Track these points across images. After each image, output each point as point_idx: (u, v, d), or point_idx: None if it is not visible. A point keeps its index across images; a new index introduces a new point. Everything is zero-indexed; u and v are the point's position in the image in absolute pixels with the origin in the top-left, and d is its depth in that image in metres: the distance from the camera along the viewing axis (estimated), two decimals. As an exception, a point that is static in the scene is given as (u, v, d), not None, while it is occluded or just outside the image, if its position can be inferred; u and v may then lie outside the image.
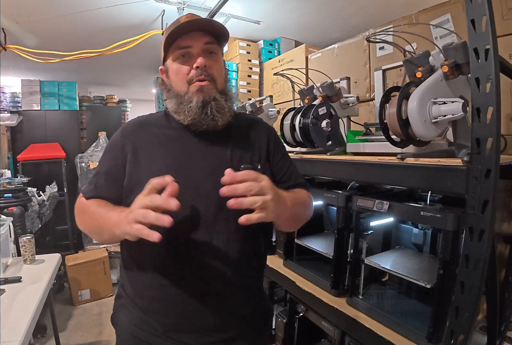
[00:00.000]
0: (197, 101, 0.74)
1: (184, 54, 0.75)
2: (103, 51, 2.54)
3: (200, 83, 0.74)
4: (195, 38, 0.74)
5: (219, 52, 0.79)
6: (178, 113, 0.77)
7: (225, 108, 0.76)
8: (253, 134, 0.85)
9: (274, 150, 0.86)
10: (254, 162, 0.81)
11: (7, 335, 1.03)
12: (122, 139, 0.80)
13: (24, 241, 1.66)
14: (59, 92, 3.88)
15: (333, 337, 1.17)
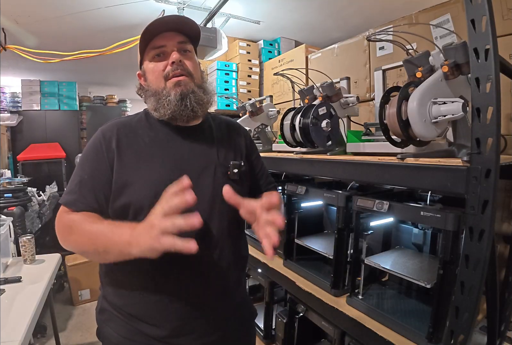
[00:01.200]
0: (175, 94, 0.74)
1: (159, 53, 0.76)
2: (103, 51, 2.54)
3: (177, 78, 0.75)
4: (168, 38, 0.76)
5: (193, 51, 0.81)
6: (157, 110, 0.76)
7: (204, 99, 0.78)
8: (233, 135, 0.89)
9: (250, 150, 0.92)
10: (238, 160, 0.83)
11: (7, 335, 1.03)
12: (104, 141, 0.76)
13: (24, 241, 1.66)
14: (59, 92, 3.88)
15: (333, 337, 1.17)
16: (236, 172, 0.79)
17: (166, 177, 0.70)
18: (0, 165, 3.37)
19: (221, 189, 0.71)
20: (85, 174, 0.74)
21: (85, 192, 0.72)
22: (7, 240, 1.69)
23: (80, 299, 2.71)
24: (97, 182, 0.73)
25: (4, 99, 3.82)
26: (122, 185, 0.72)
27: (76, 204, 0.72)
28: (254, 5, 2.36)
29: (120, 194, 0.72)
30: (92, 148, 0.77)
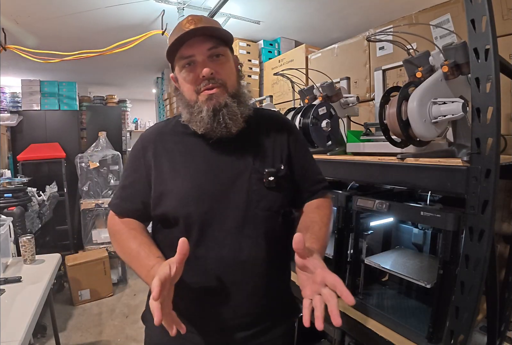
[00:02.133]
0: (208, 110, 0.72)
1: (190, 63, 0.73)
2: (103, 51, 2.54)
3: (208, 92, 0.72)
4: (197, 46, 0.71)
5: (227, 53, 0.77)
6: (191, 123, 0.76)
7: (237, 114, 0.74)
8: (273, 133, 0.82)
9: (294, 148, 0.83)
10: (276, 163, 0.78)
11: (7, 335, 1.03)
12: (142, 149, 0.80)
13: (24, 241, 1.66)
14: (59, 92, 3.88)
15: (333, 337, 1.17)
16: (272, 180, 0.75)
17: (196, 186, 0.74)
18: (0, 165, 3.37)
19: (256, 196, 0.74)
20: (127, 181, 0.82)
21: (125, 198, 0.81)
22: (7, 240, 1.69)
23: (80, 299, 2.71)
24: (136, 189, 0.79)
25: (4, 99, 3.82)
26: (159, 194, 0.76)
27: (117, 207, 0.82)
28: (254, 5, 2.36)
29: (158, 203, 0.76)
30: (132, 155, 0.83)
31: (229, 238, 0.73)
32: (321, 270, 0.60)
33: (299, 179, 0.84)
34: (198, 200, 0.73)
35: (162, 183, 0.76)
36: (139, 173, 0.79)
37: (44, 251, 2.38)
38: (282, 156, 0.80)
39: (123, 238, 0.77)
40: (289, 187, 0.80)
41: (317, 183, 0.87)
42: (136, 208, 0.79)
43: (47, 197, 3.10)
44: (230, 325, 0.77)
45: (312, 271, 0.61)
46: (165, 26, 2.47)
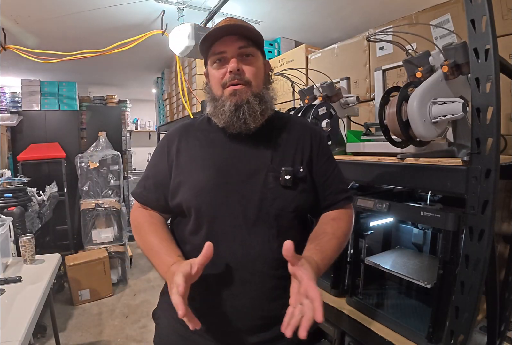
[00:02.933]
0: (230, 105, 0.75)
1: (220, 59, 0.76)
2: (103, 51, 2.54)
3: (233, 87, 0.75)
4: (229, 43, 0.75)
5: (258, 54, 0.80)
6: (214, 116, 0.79)
7: (257, 111, 0.76)
8: (296, 136, 0.83)
9: (318, 153, 0.83)
10: (296, 165, 0.78)
11: (7, 335, 1.03)
12: (167, 143, 0.84)
13: (24, 241, 1.65)
14: (59, 92, 3.87)
15: (333, 337, 1.17)
16: (288, 178, 0.75)
17: (211, 179, 0.76)
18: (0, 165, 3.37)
19: (271, 194, 0.75)
20: (150, 172, 0.86)
21: (148, 188, 0.84)
22: (7, 240, 1.69)
23: (80, 299, 2.71)
24: (158, 181, 0.82)
25: (4, 99, 3.81)
26: (177, 185, 0.79)
27: (140, 197, 0.85)
28: (254, 5, 2.36)
29: (175, 194, 0.79)
30: (159, 148, 0.86)
31: (240, 234, 0.74)
32: (307, 282, 0.60)
33: (319, 186, 0.82)
34: (211, 192, 0.75)
35: (180, 173, 0.79)
36: (162, 164, 0.82)
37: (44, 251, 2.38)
38: (303, 159, 0.80)
39: (145, 231, 0.79)
40: (307, 190, 0.79)
41: (339, 192, 0.84)
42: (158, 198, 0.82)
43: (47, 197, 3.10)
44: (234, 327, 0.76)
45: (299, 281, 0.62)
46: (165, 26, 2.47)
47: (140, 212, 0.85)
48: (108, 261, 2.84)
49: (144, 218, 0.83)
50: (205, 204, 0.75)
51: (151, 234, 0.78)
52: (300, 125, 0.87)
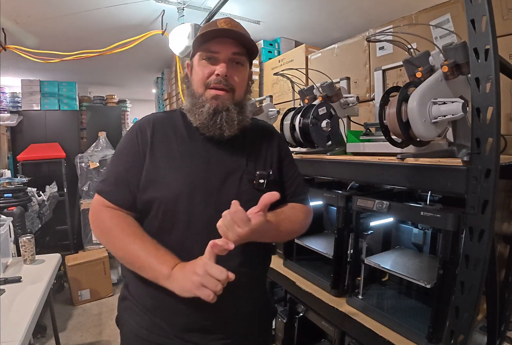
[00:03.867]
0: (209, 107, 0.75)
1: (211, 57, 0.75)
2: (103, 51, 2.54)
3: (217, 91, 0.75)
4: (226, 45, 0.74)
5: (246, 65, 0.80)
6: (190, 113, 0.78)
7: (235, 120, 0.76)
8: (265, 141, 0.86)
9: (284, 157, 0.88)
10: (266, 168, 0.81)
11: (7, 335, 1.03)
12: (140, 134, 0.79)
13: (24, 241, 1.66)
14: (59, 92, 3.88)
15: (333, 337, 1.17)
16: (262, 182, 0.78)
17: (191, 179, 0.74)
18: (0, 165, 3.37)
19: (245, 196, 0.76)
20: (121, 166, 0.77)
21: (119, 184, 0.76)
22: (7, 240, 1.69)
23: (80, 299, 2.71)
24: (132, 175, 0.76)
25: (4, 99, 3.81)
26: (149, 180, 0.75)
27: (110, 194, 0.76)
28: (254, 5, 2.36)
29: (147, 189, 0.75)
30: (129, 139, 0.79)
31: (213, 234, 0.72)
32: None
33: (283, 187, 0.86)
34: (189, 192, 0.74)
35: (154, 169, 0.75)
36: (136, 158, 0.76)
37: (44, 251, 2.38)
38: (272, 163, 0.84)
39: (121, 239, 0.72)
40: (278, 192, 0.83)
41: (298, 194, 0.89)
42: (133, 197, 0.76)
43: (47, 197, 3.10)
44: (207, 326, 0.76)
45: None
46: (165, 26, 2.47)
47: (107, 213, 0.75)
48: (108, 261, 2.84)
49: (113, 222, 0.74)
50: (182, 204, 0.73)
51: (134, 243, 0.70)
52: (267, 131, 0.90)
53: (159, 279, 0.67)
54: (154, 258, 0.67)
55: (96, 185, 0.80)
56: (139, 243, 0.70)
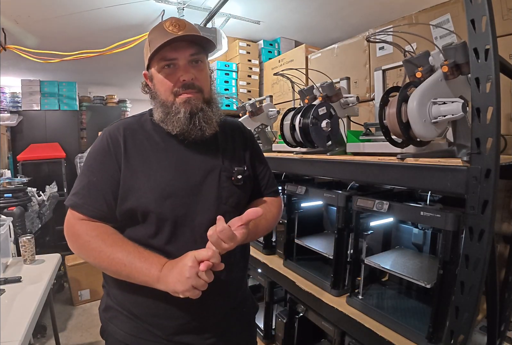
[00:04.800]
0: (185, 112, 0.74)
1: (170, 65, 0.74)
2: (103, 51, 2.54)
3: (187, 95, 0.75)
4: (181, 50, 0.73)
5: (204, 59, 0.80)
6: (165, 123, 0.76)
7: (212, 118, 0.78)
8: (237, 139, 0.89)
9: (254, 153, 0.91)
10: (241, 164, 0.84)
11: (7, 335, 1.03)
12: (112, 142, 0.76)
13: (24, 241, 1.66)
14: (59, 92, 3.88)
15: (333, 337, 1.17)
16: (240, 178, 0.81)
17: (170, 182, 0.75)
18: (0, 165, 3.37)
19: (225, 193, 0.79)
20: (94, 177, 0.74)
21: (94, 196, 0.73)
22: (7, 240, 1.69)
23: (80, 299, 2.71)
24: (107, 185, 0.73)
25: (4, 99, 3.82)
26: (128, 188, 0.73)
27: (84, 207, 0.72)
28: (254, 5, 2.36)
29: (126, 198, 0.73)
30: (100, 149, 0.77)
31: (200, 234, 0.74)
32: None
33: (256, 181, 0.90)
34: (171, 195, 0.74)
35: (132, 177, 0.73)
36: (109, 168, 0.74)
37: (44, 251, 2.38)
38: (245, 159, 0.87)
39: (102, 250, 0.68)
40: (251, 186, 0.87)
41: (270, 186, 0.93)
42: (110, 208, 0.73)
43: (47, 197, 3.10)
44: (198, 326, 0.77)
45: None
46: (165, 26, 2.47)
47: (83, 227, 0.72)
48: (108, 261, 2.84)
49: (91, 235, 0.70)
50: (166, 208, 0.73)
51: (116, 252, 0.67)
52: (237, 128, 0.92)
53: (149, 283, 0.66)
54: (140, 262, 0.66)
55: (68, 199, 0.75)
56: (122, 251, 0.67)
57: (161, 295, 0.72)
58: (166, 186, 0.74)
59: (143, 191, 0.73)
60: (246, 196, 0.85)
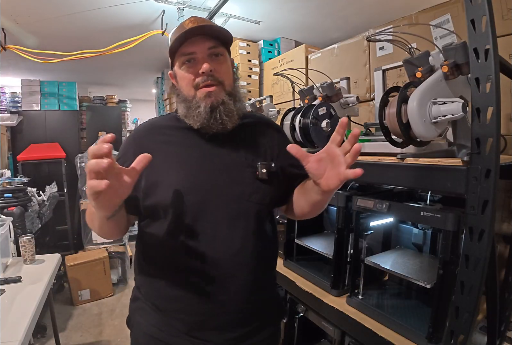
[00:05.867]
0: (205, 106, 0.74)
1: (190, 60, 0.75)
2: (103, 51, 2.54)
3: (207, 89, 0.75)
4: (199, 44, 0.74)
5: (226, 54, 0.79)
6: (187, 118, 0.78)
7: (234, 111, 0.77)
8: (263, 133, 0.86)
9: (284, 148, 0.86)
10: (268, 160, 0.81)
11: (7, 335, 1.04)
12: (134, 142, 0.81)
13: (24, 241, 1.66)
14: (59, 92, 3.88)
15: (333, 337, 1.17)
16: (264, 172, 0.78)
17: (190, 177, 0.75)
18: (0, 165, 3.37)
19: (249, 188, 0.77)
20: None
21: None
22: (7, 240, 1.69)
23: (80, 299, 2.71)
24: None
25: (4, 99, 3.82)
26: (151, 185, 0.75)
27: None
28: (254, 5, 2.36)
29: (148, 194, 0.75)
30: (124, 147, 0.82)
31: (221, 230, 0.74)
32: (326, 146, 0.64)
33: (289, 177, 0.85)
34: (191, 190, 0.74)
35: (154, 173, 0.75)
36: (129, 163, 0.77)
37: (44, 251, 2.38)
38: (272, 155, 0.84)
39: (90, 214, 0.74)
40: (278, 184, 0.82)
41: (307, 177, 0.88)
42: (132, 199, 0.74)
43: (47, 197, 3.10)
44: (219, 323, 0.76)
45: (326, 154, 0.65)
46: (165, 26, 2.48)
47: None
48: (108, 261, 2.84)
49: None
50: (187, 203, 0.74)
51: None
52: (265, 123, 0.90)
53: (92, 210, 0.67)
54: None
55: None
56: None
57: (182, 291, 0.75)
58: (185, 182, 0.75)
59: (164, 187, 0.74)
60: (274, 192, 0.81)
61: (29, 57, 2.58)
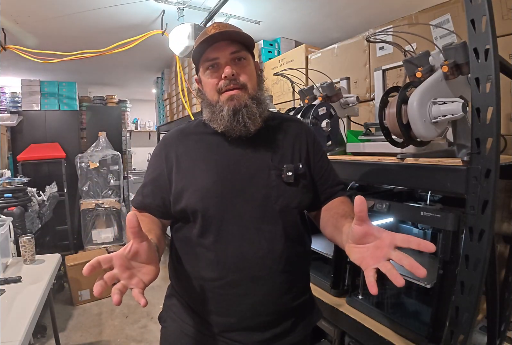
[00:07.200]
0: (228, 109, 0.75)
1: (213, 65, 0.76)
2: (103, 51, 2.54)
3: (230, 93, 0.76)
4: (221, 49, 0.75)
5: (248, 57, 0.80)
6: (212, 122, 0.79)
7: (256, 114, 0.77)
8: (292, 134, 0.86)
9: (313, 150, 0.87)
10: (295, 162, 0.81)
11: (7, 335, 1.04)
12: (164, 148, 0.83)
13: (24, 241, 1.66)
14: (59, 92, 3.88)
15: (333, 337, 1.17)
16: (290, 175, 0.77)
17: (216, 181, 0.76)
18: (0, 165, 3.37)
19: (275, 192, 0.77)
20: (148, 179, 0.85)
21: (146, 194, 0.83)
22: (7, 240, 1.69)
23: (80, 299, 2.71)
24: (156, 186, 0.82)
25: (4, 99, 3.82)
26: (180, 190, 0.78)
27: (138, 203, 0.84)
28: (254, 5, 2.36)
29: (178, 199, 0.78)
30: (155, 155, 0.86)
31: (248, 233, 0.75)
32: (388, 233, 0.56)
33: (317, 181, 0.86)
34: (217, 195, 0.76)
35: (182, 178, 0.78)
36: (160, 170, 0.82)
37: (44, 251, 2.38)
38: (301, 156, 0.83)
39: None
40: (307, 186, 0.82)
41: (335, 185, 0.88)
42: (157, 204, 0.81)
43: (47, 197, 3.10)
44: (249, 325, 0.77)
45: (377, 236, 0.57)
46: (165, 26, 2.47)
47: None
48: (108, 261, 2.84)
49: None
50: (212, 207, 0.75)
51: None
52: (294, 124, 0.89)
53: None
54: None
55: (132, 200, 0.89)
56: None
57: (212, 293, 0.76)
58: (211, 186, 0.76)
59: (191, 191, 0.76)
60: (302, 195, 0.81)
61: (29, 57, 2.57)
